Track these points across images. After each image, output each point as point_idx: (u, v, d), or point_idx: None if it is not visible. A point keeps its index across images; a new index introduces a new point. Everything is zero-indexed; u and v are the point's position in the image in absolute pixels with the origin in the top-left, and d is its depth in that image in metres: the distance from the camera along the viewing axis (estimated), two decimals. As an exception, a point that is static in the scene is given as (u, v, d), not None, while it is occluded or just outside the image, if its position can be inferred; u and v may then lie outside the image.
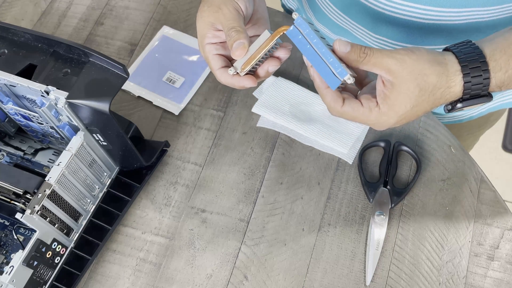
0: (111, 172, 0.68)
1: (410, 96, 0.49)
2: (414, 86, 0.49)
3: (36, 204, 0.55)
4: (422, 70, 0.49)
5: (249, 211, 0.68)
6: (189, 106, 0.76)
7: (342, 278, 0.64)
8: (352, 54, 0.49)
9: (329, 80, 0.50)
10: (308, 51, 0.50)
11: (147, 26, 0.83)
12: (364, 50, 0.49)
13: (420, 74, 0.49)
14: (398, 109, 0.50)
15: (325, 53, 0.49)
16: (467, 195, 0.68)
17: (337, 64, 0.49)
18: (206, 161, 0.72)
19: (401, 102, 0.50)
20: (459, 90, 0.50)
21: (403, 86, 0.49)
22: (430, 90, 0.49)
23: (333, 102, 0.51)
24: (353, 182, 0.70)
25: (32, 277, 0.57)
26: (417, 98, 0.49)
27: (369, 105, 0.51)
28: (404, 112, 0.50)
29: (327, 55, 0.49)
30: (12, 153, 0.71)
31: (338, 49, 0.50)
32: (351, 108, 0.51)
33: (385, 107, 0.50)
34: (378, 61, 0.49)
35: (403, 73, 0.49)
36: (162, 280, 0.65)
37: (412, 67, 0.49)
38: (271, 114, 0.73)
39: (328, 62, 0.49)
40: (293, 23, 0.50)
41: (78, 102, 0.55)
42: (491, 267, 0.64)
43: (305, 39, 0.50)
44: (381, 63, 0.49)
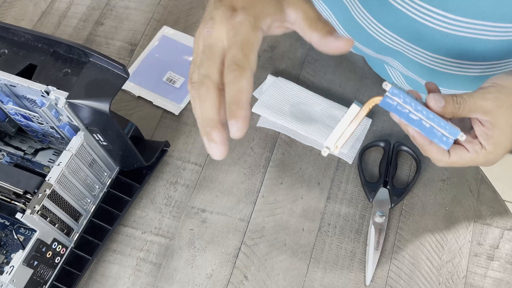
0: (111, 172, 0.68)
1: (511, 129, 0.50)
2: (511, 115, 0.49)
3: (36, 204, 0.55)
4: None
5: (249, 211, 0.68)
6: (189, 106, 0.76)
7: (342, 278, 0.64)
8: (448, 107, 0.49)
9: (441, 141, 0.49)
10: (409, 118, 0.49)
11: (147, 26, 0.83)
12: (457, 101, 0.49)
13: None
14: (504, 145, 0.50)
15: (429, 116, 0.48)
16: (467, 195, 0.68)
17: (444, 123, 0.48)
18: (206, 161, 0.72)
19: (506, 138, 0.50)
20: None
21: (503, 123, 0.49)
22: None
23: (440, 155, 0.51)
24: (353, 182, 0.70)
25: (32, 277, 0.57)
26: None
27: (474, 149, 0.50)
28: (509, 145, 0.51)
29: (431, 118, 0.48)
30: (12, 153, 0.71)
31: (433, 105, 0.49)
32: (458, 157, 0.51)
33: (491, 147, 0.50)
34: (473, 107, 0.49)
35: (500, 111, 0.49)
36: (162, 280, 0.65)
37: (508, 103, 0.49)
38: (271, 114, 0.73)
39: (435, 125, 0.48)
40: (386, 93, 0.48)
41: (78, 102, 0.55)
42: (490, 267, 0.64)
43: (403, 107, 0.48)
44: (476, 108, 0.49)
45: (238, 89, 0.41)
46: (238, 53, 0.42)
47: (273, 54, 0.79)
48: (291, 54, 0.79)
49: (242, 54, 0.42)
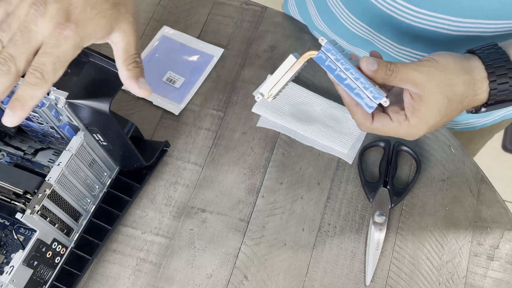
0: (111, 172, 0.68)
1: (439, 108, 0.49)
2: (442, 97, 0.49)
3: (36, 204, 0.55)
4: (449, 80, 0.49)
5: (249, 211, 0.68)
6: (189, 106, 0.76)
7: (342, 278, 0.64)
8: (380, 72, 0.49)
9: (364, 103, 0.50)
10: (338, 76, 0.50)
11: (147, 26, 0.83)
12: (390, 67, 0.49)
13: (448, 85, 0.49)
14: (427, 120, 0.50)
15: (357, 77, 0.49)
16: (467, 195, 0.68)
17: (372, 87, 0.49)
18: (206, 161, 0.72)
19: (430, 114, 0.50)
20: (485, 96, 0.50)
21: (431, 99, 0.49)
22: (459, 100, 0.50)
23: (363, 119, 0.52)
24: (353, 182, 0.70)
25: (32, 277, 0.57)
26: (446, 109, 0.50)
27: (398, 119, 0.51)
28: (434, 123, 0.51)
29: (360, 79, 0.49)
30: (12, 153, 0.71)
31: (365, 68, 0.49)
32: (381, 124, 0.51)
33: (415, 120, 0.50)
34: (404, 76, 0.49)
35: (430, 85, 0.49)
36: (162, 280, 0.65)
37: (439, 78, 0.49)
38: (271, 114, 0.73)
39: (361, 87, 0.49)
40: (322, 48, 0.49)
41: (78, 102, 0.55)
42: (491, 267, 0.64)
43: (335, 64, 0.49)
44: (408, 78, 0.49)
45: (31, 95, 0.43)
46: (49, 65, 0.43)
47: (273, 54, 0.79)
48: (291, 54, 0.79)
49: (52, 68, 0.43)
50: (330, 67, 0.50)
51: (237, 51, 0.80)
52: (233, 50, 0.80)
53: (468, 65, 0.50)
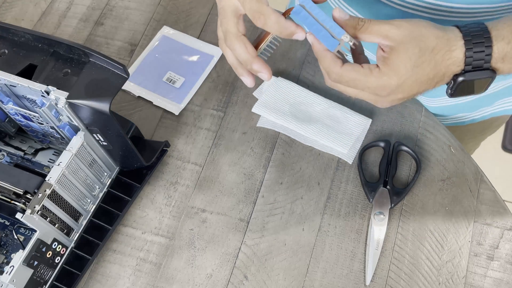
0: (111, 172, 0.68)
1: (410, 56, 0.49)
2: (413, 46, 0.48)
3: (36, 204, 0.55)
4: (420, 32, 0.49)
5: (249, 211, 0.68)
6: (189, 106, 0.76)
7: (342, 278, 0.64)
8: (351, 21, 0.50)
9: (328, 42, 0.51)
10: (309, 22, 0.51)
11: (147, 26, 0.83)
12: (362, 19, 0.50)
13: (419, 36, 0.48)
14: (398, 69, 0.49)
15: (325, 19, 0.51)
16: (467, 195, 0.69)
17: (337, 27, 0.50)
18: (206, 161, 0.72)
19: (401, 62, 0.49)
20: (461, 57, 0.49)
21: (401, 47, 0.49)
22: (431, 50, 0.49)
23: (332, 63, 0.51)
24: (353, 182, 0.70)
25: (32, 277, 0.57)
26: (417, 59, 0.49)
27: (369, 66, 0.50)
28: (404, 73, 0.49)
29: (327, 21, 0.51)
30: (12, 153, 0.71)
31: (337, 16, 0.50)
32: (351, 67, 0.51)
33: (386, 67, 0.49)
34: (375, 28, 0.49)
35: (400, 36, 0.48)
36: (162, 280, 0.65)
37: (410, 30, 0.49)
38: (271, 114, 0.73)
39: (327, 27, 0.51)
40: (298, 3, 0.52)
41: (78, 102, 0.55)
42: (490, 267, 0.64)
43: (307, 13, 0.51)
44: (379, 30, 0.49)
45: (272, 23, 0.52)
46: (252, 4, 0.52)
47: (273, 54, 0.79)
48: (291, 54, 0.79)
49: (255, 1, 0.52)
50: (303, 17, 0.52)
51: (237, 51, 0.80)
52: (233, 50, 0.80)
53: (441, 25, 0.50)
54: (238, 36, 0.55)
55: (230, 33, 0.55)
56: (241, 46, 0.55)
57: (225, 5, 0.55)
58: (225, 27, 0.56)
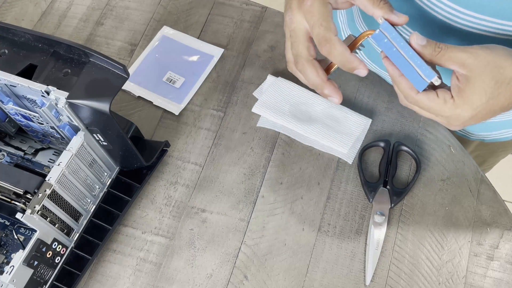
0: (111, 172, 0.68)
1: (486, 89, 0.48)
2: (489, 78, 0.48)
3: (36, 204, 0.55)
4: (498, 62, 0.48)
5: (249, 211, 0.68)
6: (189, 106, 0.76)
7: (342, 278, 0.64)
8: (428, 48, 0.49)
9: (416, 81, 0.50)
10: (394, 54, 0.51)
11: (147, 26, 0.83)
12: (438, 45, 0.49)
13: (496, 67, 0.48)
14: (473, 101, 0.49)
15: (412, 55, 0.50)
16: (467, 195, 0.69)
17: (424, 66, 0.50)
18: (206, 161, 0.72)
19: (476, 95, 0.49)
20: None
21: (478, 79, 0.48)
22: (507, 83, 0.48)
23: (408, 89, 0.51)
24: (353, 182, 0.70)
25: (32, 277, 0.57)
26: (493, 91, 0.49)
27: (444, 96, 0.50)
28: (479, 105, 0.49)
29: (414, 58, 0.50)
30: (12, 153, 0.71)
31: (414, 42, 0.50)
32: (426, 97, 0.51)
33: (460, 100, 0.49)
34: (452, 55, 0.49)
35: (477, 66, 0.48)
36: (162, 280, 0.65)
37: (487, 60, 0.48)
38: (271, 114, 0.73)
39: (415, 64, 0.50)
40: (379, 27, 0.51)
41: (78, 102, 0.55)
42: (490, 267, 0.64)
43: (391, 43, 0.51)
44: (455, 57, 0.48)
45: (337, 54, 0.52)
46: (320, 30, 0.52)
47: (273, 54, 0.79)
48: (291, 54, 0.79)
49: (324, 29, 0.52)
50: (386, 45, 0.51)
51: (237, 51, 0.80)
52: (233, 50, 0.80)
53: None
54: (309, 60, 0.55)
55: (301, 57, 0.55)
56: (312, 71, 0.55)
57: (296, 28, 0.55)
58: (296, 50, 0.55)
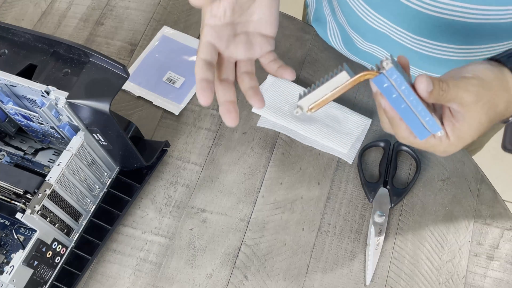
0: (111, 172, 0.68)
1: (480, 128, 0.49)
2: (485, 118, 0.49)
3: (36, 204, 0.55)
4: (493, 100, 0.49)
5: (249, 211, 0.68)
6: (189, 106, 0.76)
7: (342, 278, 0.64)
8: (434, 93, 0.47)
9: (418, 131, 0.48)
10: (395, 99, 0.46)
11: (147, 26, 0.83)
12: (442, 87, 0.47)
13: (492, 106, 0.49)
14: (467, 138, 0.50)
15: (415, 103, 0.46)
16: (466, 195, 0.69)
17: (429, 117, 0.47)
18: (206, 161, 0.72)
19: (471, 134, 0.50)
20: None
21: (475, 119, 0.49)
22: (497, 119, 0.50)
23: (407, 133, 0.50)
24: (353, 182, 0.70)
25: (32, 277, 0.57)
26: (485, 128, 0.50)
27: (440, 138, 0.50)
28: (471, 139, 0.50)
29: (418, 106, 0.46)
30: (12, 153, 0.71)
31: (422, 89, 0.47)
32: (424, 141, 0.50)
33: (455, 138, 0.50)
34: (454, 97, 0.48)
35: (476, 106, 0.48)
36: (162, 280, 0.65)
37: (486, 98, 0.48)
38: (271, 114, 0.73)
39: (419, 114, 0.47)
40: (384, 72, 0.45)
41: (78, 102, 0.55)
42: (490, 267, 0.64)
43: (394, 88, 0.45)
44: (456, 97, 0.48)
45: None
46: None
47: (273, 54, 0.79)
48: (291, 54, 0.79)
49: None
50: (388, 90, 0.46)
51: (237, 51, 0.80)
52: (233, 50, 0.80)
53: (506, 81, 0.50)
54: None
55: None
56: None
57: None
58: None
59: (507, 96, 0.49)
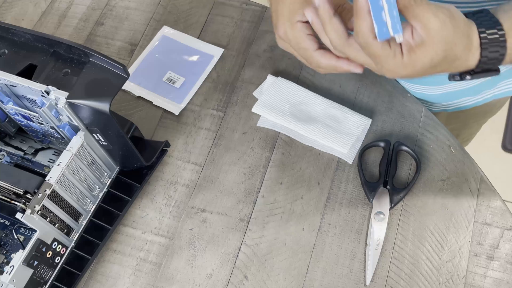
0: (111, 172, 0.68)
1: (434, 59, 0.49)
2: (441, 51, 0.48)
3: (36, 204, 0.55)
4: (454, 39, 0.48)
5: (249, 211, 0.68)
6: (189, 106, 0.76)
7: (342, 278, 0.64)
8: None
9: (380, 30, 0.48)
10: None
11: (147, 26, 0.83)
12: None
13: (452, 43, 0.48)
14: (417, 65, 0.49)
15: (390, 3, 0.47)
16: (466, 195, 0.69)
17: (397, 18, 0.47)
18: (206, 161, 0.72)
19: (423, 60, 0.49)
20: (474, 64, 0.50)
21: (432, 48, 0.48)
22: (452, 60, 0.49)
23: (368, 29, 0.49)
24: (353, 182, 0.70)
25: (32, 277, 0.57)
26: (438, 62, 0.49)
27: (395, 50, 0.49)
28: (420, 69, 0.50)
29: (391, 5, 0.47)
30: (12, 153, 0.71)
31: None
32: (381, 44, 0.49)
33: (407, 59, 0.49)
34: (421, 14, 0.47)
35: (438, 36, 0.48)
36: (162, 280, 0.65)
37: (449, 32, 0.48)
38: (271, 114, 0.73)
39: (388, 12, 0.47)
40: None
41: (78, 102, 0.55)
42: (490, 267, 0.64)
43: None
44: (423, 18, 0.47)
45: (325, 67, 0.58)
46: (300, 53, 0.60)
47: (273, 54, 0.79)
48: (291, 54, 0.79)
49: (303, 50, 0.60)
50: None
51: (237, 51, 0.80)
52: (233, 50, 0.80)
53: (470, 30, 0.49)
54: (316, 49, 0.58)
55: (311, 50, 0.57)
56: None
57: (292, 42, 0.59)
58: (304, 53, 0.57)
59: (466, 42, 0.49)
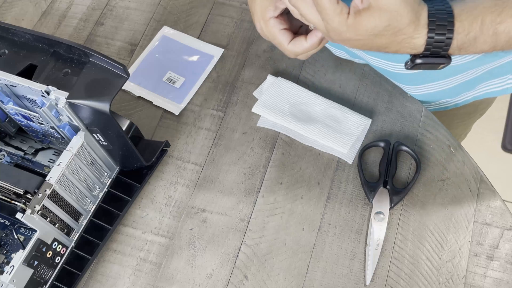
0: (111, 172, 0.68)
1: (377, 25, 0.49)
2: (386, 18, 0.49)
3: (36, 204, 0.55)
4: (401, 10, 0.49)
5: (249, 211, 0.68)
6: (189, 106, 0.76)
7: (342, 278, 0.64)
8: None
9: None
10: None
11: (147, 26, 0.83)
12: None
13: (398, 12, 0.48)
14: (360, 29, 0.50)
15: None
16: (466, 195, 0.69)
17: None
18: (206, 161, 0.72)
19: (367, 26, 0.49)
20: (421, 44, 0.50)
21: (377, 14, 0.49)
22: (395, 31, 0.50)
23: None
24: (353, 182, 0.70)
25: (32, 277, 0.57)
26: (381, 31, 0.49)
27: (342, 7, 0.50)
28: (363, 35, 0.50)
29: None
30: (12, 153, 0.71)
31: None
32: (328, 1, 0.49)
33: (352, 21, 0.50)
34: None
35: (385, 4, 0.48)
36: (162, 279, 0.65)
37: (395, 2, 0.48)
38: (271, 114, 0.73)
39: None
40: None
41: (78, 102, 0.55)
42: (490, 267, 0.64)
43: None
44: None
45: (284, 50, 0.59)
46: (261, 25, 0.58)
47: (273, 54, 0.79)
48: (291, 54, 0.79)
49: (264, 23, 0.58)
50: None
51: (237, 51, 0.80)
52: (233, 50, 0.80)
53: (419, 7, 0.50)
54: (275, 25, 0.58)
55: None
56: None
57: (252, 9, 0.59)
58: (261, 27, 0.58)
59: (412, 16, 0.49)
